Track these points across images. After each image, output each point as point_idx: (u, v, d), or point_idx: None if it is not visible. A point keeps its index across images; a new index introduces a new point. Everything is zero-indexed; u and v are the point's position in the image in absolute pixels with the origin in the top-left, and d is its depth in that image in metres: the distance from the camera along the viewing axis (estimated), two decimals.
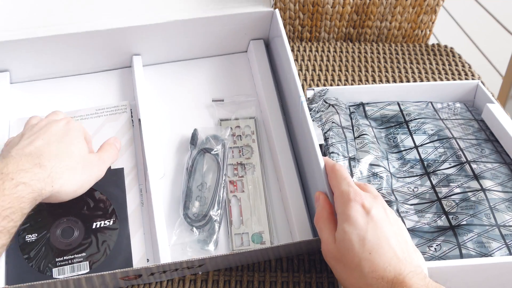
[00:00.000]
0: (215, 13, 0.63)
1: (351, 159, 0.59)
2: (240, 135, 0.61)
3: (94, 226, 0.53)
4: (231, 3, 0.64)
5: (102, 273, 0.45)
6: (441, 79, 0.81)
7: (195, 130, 0.60)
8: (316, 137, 0.53)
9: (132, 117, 0.62)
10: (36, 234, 0.52)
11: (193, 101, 0.65)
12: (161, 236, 0.51)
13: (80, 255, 0.52)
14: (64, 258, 0.52)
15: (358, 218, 0.42)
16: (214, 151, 0.58)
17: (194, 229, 0.54)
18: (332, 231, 0.44)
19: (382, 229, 0.42)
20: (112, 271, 0.45)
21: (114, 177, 0.57)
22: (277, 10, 0.64)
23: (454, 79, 0.81)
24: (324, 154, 0.59)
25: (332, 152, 0.58)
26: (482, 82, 0.78)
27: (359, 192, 0.44)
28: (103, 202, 0.55)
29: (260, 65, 0.66)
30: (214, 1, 0.64)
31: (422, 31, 0.91)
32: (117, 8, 0.62)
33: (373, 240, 0.41)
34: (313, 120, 0.63)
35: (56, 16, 0.60)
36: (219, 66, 0.68)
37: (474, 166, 0.58)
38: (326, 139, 0.61)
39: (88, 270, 0.51)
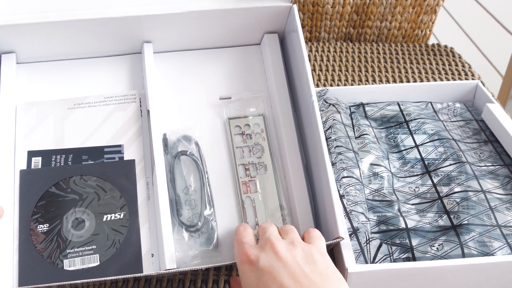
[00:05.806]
0: (233, 6, 0.62)
1: (355, 152, 0.59)
2: (250, 134, 0.60)
3: (104, 219, 0.53)
4: None
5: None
6: (441, 79, 0.81)
7: (164, 134, 0.59)
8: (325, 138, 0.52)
9: (141, 106, 0.61)
10: (48, 225, 0.52)
11: (202, 96, 0.64)
12: (166, 232, 0.51)
13: (90, 247, 0.52)
14: (75, 250, 0.51)
15: (249, 278, 0.42)
16: (189, 152, 0.57)
17: (193, 233, 0.53)
18: None
19: (277, 276, 0.41)
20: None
21: (125, 168, 0.56)
22: (295, 5, 0.63)
23: (454, 79, 0.81)
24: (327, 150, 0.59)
25: (338, 146, 0.58)
26: (482, 82, 0.78)
27: (243, 250, 0.44)
28: (114, 194, 0.54)
29: (273, 58, 0.65)
30: None
31: (422, 31, 0.91)
32: None
33: None
34: None
35: (68, 2, 0.59)
36: (232, 57, 0.67)
37: (474, 168, 0.58)
38: (327, 138, 0.61)
39: (98, 263, 0.51)
